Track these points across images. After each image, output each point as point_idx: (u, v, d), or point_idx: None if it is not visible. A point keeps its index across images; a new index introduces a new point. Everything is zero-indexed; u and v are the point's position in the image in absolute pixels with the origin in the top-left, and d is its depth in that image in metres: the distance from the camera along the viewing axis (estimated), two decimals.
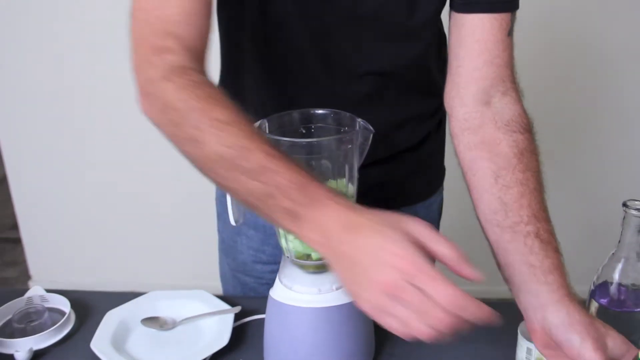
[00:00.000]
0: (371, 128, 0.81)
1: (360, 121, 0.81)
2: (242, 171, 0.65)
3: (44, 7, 2.01)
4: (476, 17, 0.82)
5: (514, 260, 0.75)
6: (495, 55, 0.82)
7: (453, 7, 0.85)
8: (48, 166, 2.23)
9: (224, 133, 0.66)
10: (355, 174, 0.83)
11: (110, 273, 2.33)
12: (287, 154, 0.66)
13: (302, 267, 0.86)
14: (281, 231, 0.84)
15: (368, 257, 0.59)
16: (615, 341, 0.70)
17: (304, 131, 0.86)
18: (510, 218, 0.77)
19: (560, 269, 0.74)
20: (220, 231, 1.19)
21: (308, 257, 0.85)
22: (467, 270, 0.59)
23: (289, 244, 0.84)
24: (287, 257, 0.86)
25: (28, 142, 2.19)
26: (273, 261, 1.11)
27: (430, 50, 0.96)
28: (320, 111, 0.86)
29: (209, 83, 0.73)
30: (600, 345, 0.67)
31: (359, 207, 0.63)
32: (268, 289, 1.12)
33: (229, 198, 0.86)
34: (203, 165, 0.69)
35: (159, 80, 0.71)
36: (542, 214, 0.77)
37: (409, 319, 0.57)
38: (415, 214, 1.09)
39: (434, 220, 1.16)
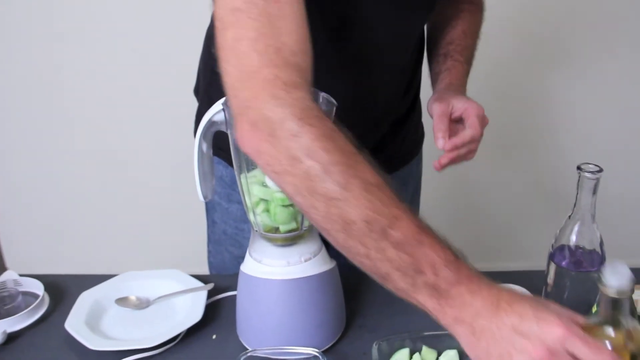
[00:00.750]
0: (334, 101, 0.82)
1: (322, 94, 0.83)
2: (390, 241, 0.60)
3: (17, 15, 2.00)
4: None
5: (433, 76, 1.08)
6: None
7: None
8: (25, 157, 2.21)
9: (373, 197, 0.60)
10: None
11: (88, 265, 2.33)
12: (432, 228, 0.62)
13: (270, 240, 0.87)
14: (249, 204, 0.86)
15: (519, 336, 0.56)
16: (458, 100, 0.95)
17: None
18: (438, 49, 1.08)
19: (452, 70, 1.04)
20: (217, 223, 1.13)
21: (276, 230, 0.86)
22: None
23: (257, 217, 0.86)
24: (256, 230, 0.88)
25: (2, 134, 2.18)
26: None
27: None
28: None
29: (342, 130, 0.65)
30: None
31: (505, 288, 0.60)
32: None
33: (196, 174, 0.87)
34: (333, 226, 0.62)
35: (292, 121, 0.62)
36: (458, 43, 1.06)
37: None
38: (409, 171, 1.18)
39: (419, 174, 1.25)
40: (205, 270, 1.18)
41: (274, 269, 0.87)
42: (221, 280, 1.05)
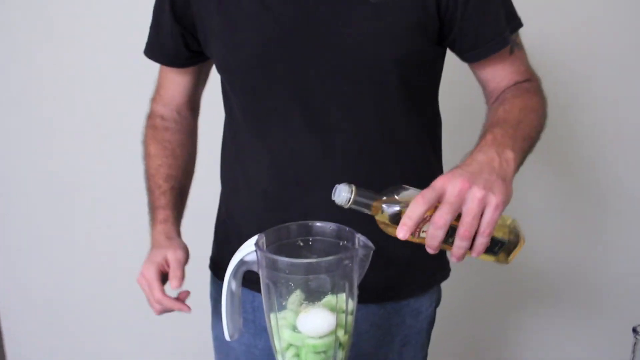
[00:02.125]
0: (371, 245, 0.80)
1: (359, 237, 0.80)
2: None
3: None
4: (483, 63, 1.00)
5: None
6: (510, 76, 1.01)
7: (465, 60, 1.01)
8: (28, 238, 2.17)
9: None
10: (355, 290, 0.81)
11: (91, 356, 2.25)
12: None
13: None
14: (278, 348, 0.82)
15: None
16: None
17: (301, 244, 0.85)
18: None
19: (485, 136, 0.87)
20: (213, 328, 1.17)
21: None
22: None
23: None
24: None
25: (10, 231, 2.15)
26: (266, 356, 1.08)
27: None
28: (319, 224, 0.84)
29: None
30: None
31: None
32: None
33: (224, 313, 0.84)
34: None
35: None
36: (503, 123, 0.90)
37: None
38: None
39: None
40: None
41: None
42: None
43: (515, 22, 1.00)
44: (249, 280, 0.86)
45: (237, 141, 1.05)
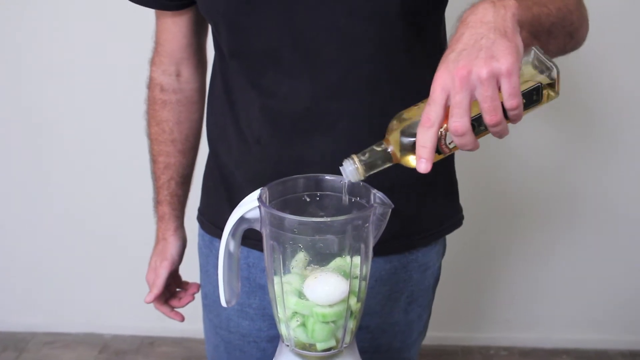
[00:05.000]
0: (389, 202, 0.70)
1: (376, 193, 0.71)
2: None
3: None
4: None
5: None
6: None
7: None
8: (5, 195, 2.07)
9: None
10: (370, 253, 0.72)
11: (67, 314, 2.18)
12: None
13: (303, 357, 0.74)
14: (281, 316, 0.73)
15: None
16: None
17: (308, 199, 0.75)
18: None
19: None
20: (202, 285, 1.11)
21: (312, 346, 0.73)
22: None
23: (290, 331, 0.73)
24: (287, 345, 0.75)
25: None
26: (260, 316, 1.02)
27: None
28: (329, 177, 0.75)
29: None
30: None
31: None
32: (255, 348, 1.04)
33: (220, 276, 0.74)
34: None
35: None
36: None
37: None
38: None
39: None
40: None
41: None
42: None
43: None
44: (244, 236, 0.77)
45: (227, 85, 0.96)
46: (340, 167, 0.69)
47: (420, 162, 0.64)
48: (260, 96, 0.90)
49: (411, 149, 0.66)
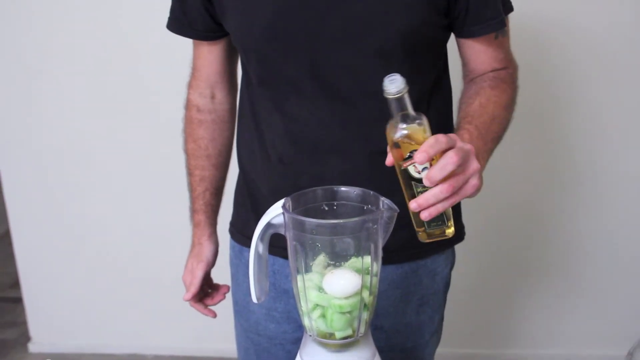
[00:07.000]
0: (395, 207, 0.81)
1: (384, 200, 0.82)
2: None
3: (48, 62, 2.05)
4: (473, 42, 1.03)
5: None
6: (489, 61, 1.04)
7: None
8: (52, 223, 2.21)
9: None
10: (380, 252, 0.83)
11: (112, 336, 2.29)
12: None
13: (324, 345, 0.85)
14: (304, 309, 0.84)
15: None
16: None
17: (326, 208, 0.86)
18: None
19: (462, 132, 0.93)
20: (233, 293, 1.21)
21: (331, 335, 0.84)
22: None
23: (312, 322, 0.83)
24: (310, 335, 0.85)
25: (33, 198, 2.18)
26: (286, 319, 1.12)
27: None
28: (344, 188, 0.86)
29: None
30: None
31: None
32: (281, 350, 1.13)
33: (251, 275, 0.86)
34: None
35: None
36: (472, 115, 0.97)
37: None
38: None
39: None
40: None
41: None
42: None
43: (507, 5, 1.03)
44: (269, 244, 0.88)
45: (254, 108, 1.07)
46: (393, 76, 0.80)
47: (420, 154, 0.76)
48: (283, 119, 1.02)
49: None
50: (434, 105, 1.05)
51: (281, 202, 0.83)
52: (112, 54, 2.00)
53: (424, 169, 0.78)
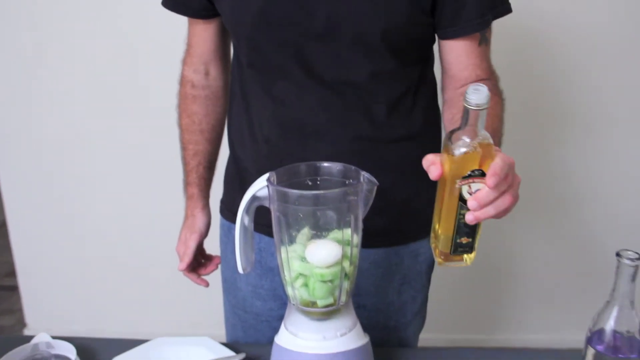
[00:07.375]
0: (375, 180, 0.85)
1: (364, 174, 0.85)
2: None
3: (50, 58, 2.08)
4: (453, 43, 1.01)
5: None
6: (472, 68, 1.02)
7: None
8: (49, 213, 2.24)
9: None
10: (360, 224, 0.86)
11: (108, 323, 2.32)
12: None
13: (307, 314, 0.88)
14: (287, 279, 0.87)
15: None
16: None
17: (309, 183, 0.90)
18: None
19: None
20: (222, 271, 1.25)
21: (313, 304, 0.87)
22: None
23: (295, 291, 0.87)
24: (293, 304, 0.89)
25: (29, 188, 2.21)
26: (271, 297, 1.15)
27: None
28: (326, 164, 0.90)
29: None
30: None
31: None
32: (267, 327, 1.17)
33: (237, 246, 0.89)
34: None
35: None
36: None
37: None
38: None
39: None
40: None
41: (310, 342, 0.87)
42: (253, 350, 1.06)
43: (505, 6, 1.01)
44: (255, 222, 0.92)
45: (244, 89, 1.10)
46: (480, 87, 0.75)
47: (472, 204, 0.76)
48: (271, 102, 1.05)
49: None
50: (420, 99, 1.08)
51: (266, 175, 0.86)
52: (112, 53, 2.03)
53: (477, 190, 0.75)
